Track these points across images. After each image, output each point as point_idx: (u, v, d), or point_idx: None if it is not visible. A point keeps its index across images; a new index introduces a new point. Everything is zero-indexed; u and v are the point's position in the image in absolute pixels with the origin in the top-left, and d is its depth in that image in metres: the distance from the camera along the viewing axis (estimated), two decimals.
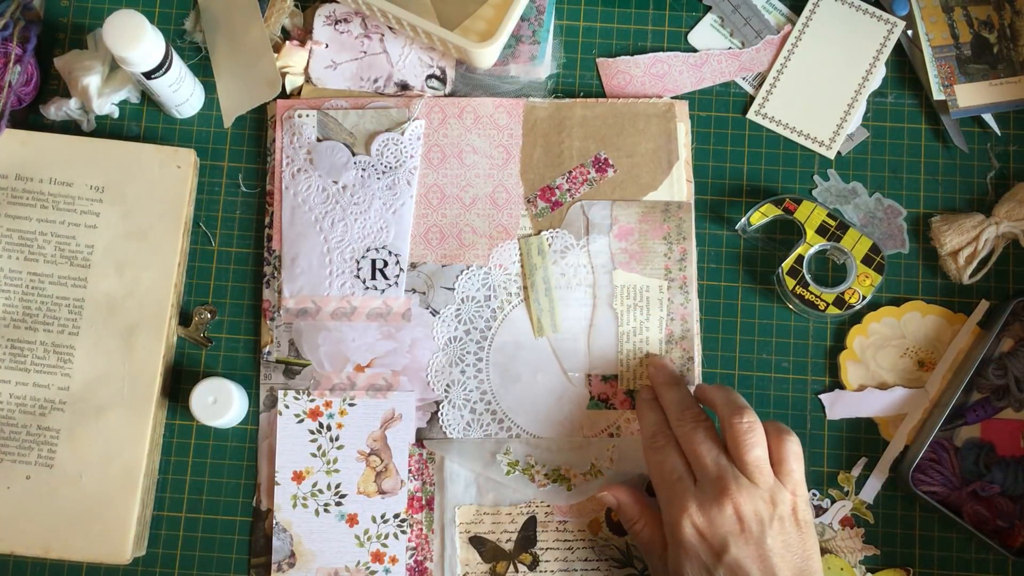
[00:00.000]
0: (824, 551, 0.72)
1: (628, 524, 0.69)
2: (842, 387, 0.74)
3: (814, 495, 0.73)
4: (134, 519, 0.70)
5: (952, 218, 0.75)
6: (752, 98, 0.78)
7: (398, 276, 0.75)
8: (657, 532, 0.66)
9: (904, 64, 0.78)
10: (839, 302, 0.73)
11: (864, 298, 0.73)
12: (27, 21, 0.76)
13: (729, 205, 0.76)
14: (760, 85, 0.78)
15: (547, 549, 0.72)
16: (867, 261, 0.73)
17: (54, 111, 0.76)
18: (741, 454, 0.63)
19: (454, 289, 0.75)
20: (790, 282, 0.73)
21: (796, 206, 0.74)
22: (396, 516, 0.72)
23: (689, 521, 0.62)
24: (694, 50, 0.78)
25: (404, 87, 0.77)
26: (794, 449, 0.65)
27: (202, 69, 0.78)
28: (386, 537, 0.72)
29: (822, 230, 0.74)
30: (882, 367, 0.74)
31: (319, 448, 0.73)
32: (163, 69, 0.70)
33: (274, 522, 0.72)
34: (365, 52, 0.77)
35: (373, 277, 0.75)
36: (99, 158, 0.74)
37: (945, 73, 0.77)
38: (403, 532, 0.72)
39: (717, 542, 0.61)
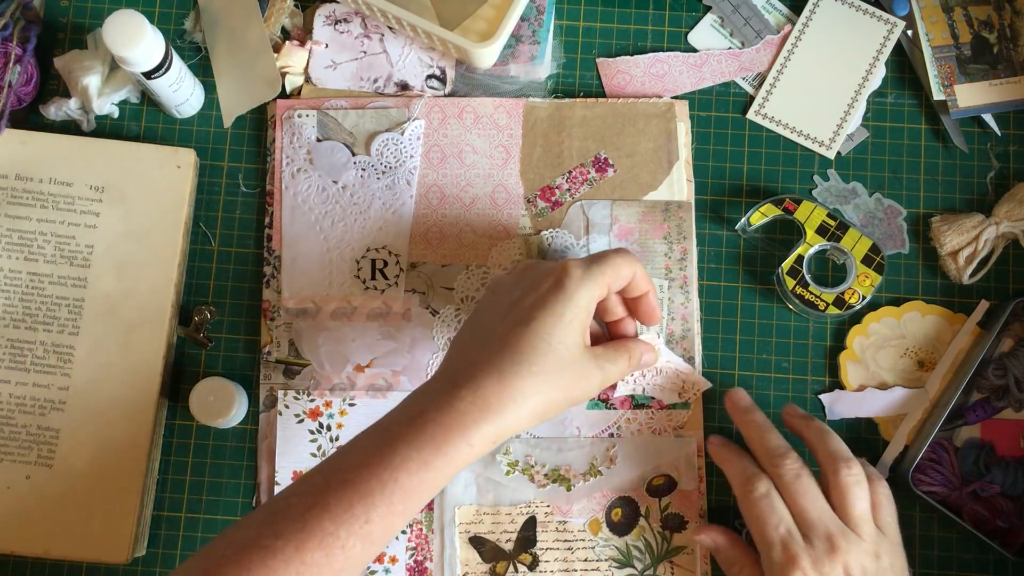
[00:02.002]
0: None
1: (726, 567, 0.68)
2: (842, 387, 0.74)
3: None
4: (134, 519, 0.70)
5: (952, 218, 0.75)
6: (752, 98, 0.78)
7: (398, 276, 0.75)
8: None
9: (904, 64, 0.78)
10: (839, 302, 0.73)
11: (864, 298, 0.73)
12: (27, 21, 0.76)
13: (729, 205, 0.77)
14: (760, 85, 0.78)
15: (547, 549, 0.72)
16: (867, 261, 0.73)
17: (54, 111, 0.76)
18: (848, 508, 0.63)
19: (454, 289, 0.75)
20: (790, 282, 0.73)
21: (796, 206, 0.74)
22: None
23: None
24: (694, 50, 0.78)
25: (404, 87, 0.77)
26: (887, 493, 0.65)
27: (202, 69, 0.78)
28: None
29: (822, 230, 0.74)
30: (882, 367, 0.74)
31: (319, 448, 0.73)
32: (163, 69, 0.71)
33: None
34: (365, 52, 0.78)
35: (373, 277, 0.75)
36: (99, 158, 0.74)
37: (945, 73, 0.77)
38: (403, 532, 0.72)
39: None
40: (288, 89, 0.77)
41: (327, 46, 0.77)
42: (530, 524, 0.72)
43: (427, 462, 0.56)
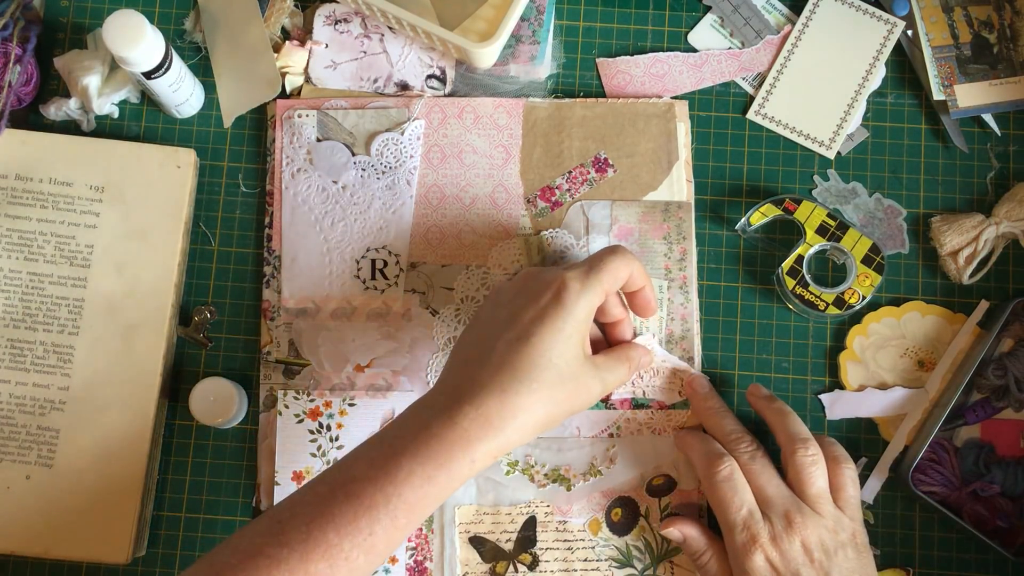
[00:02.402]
0: None
1: (694, 557, 0.69)
2: (842, 387, 0.74)
3: None
4: (134, 519, 0.70)
5: (952, 218, 0.75)
6: (752, 98, 0.78)
7: (398, 276, 0.75)
8: (724, 565, 0.67)
9: (904, 64, 0.78)
10: (839, 302, 0.73)
11: (864, 298, 0.73)
12: (27, 21, 0.76)
13: (729, 205, 0.77)
14: (760, 85, 0.78)
15: (547, 549, 0.72)
16: (867, 261, 0.73)
17: (54, 111, 0.76)
18: (805, 487, 0.65)
19: (454, 289, 0.75)
20: (790, 282, 0.73)
21: (796, 206, 0.74)
22: None
23: (762, 555, 0.63)
24: (694, 50, 0.78)
25: (404, 87, 0.77)
26: (851, 475, 0.67)
27: (202, 69, 0.78)
28: None
29: (822, 230, 0.74)
30: (882, 367, 0.74)
31: (319, 448, 0.73)
32: (163, 69, 0.71)
33: None
34: (365, 52, 0.78)
35: (373, 277, 0.75)
36: (99, 158, 0.74)
37: (945, 73, 0.77)
38: None
39: (789, 575, 0.63)
40: (288, 89, 0.77)
41: (327, 46, 0.77)
42: (530, 524, 0.72)
43: (430, 477, 0.57)
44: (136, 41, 0.67)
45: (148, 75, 0.70)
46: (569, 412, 0.62)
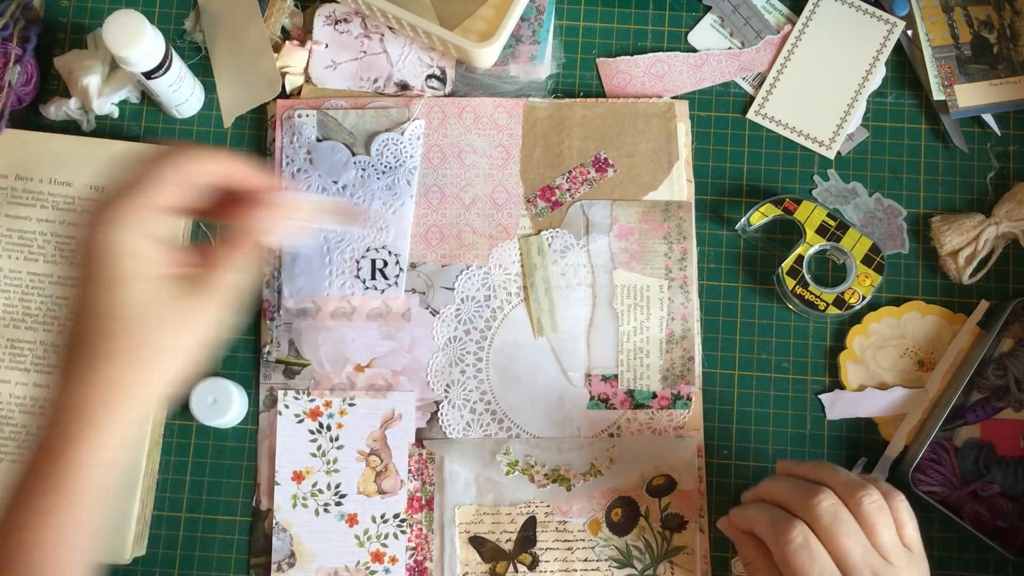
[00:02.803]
0: None
1: (745, 563, 0.64)
2: (842, 387, 0.74)
3: None
4: (134, 519, 0.70)
5: (952, 218, 0.75)
6: (752, 98, 0.78)
7: (398, 276, 0.75)
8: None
9: (904, 64, 0.78)
10: (839, 302, 0.73)
11: (864, 298, 0.73)
12: (27, 21, 0.76)
13: (729, 205, 0.77)
14: (760, 85, 0.78)
15: (547, 549, 0.72)
16: (867, 261, 0.73)
17: (54, 111, 0.76)
18: (877, 538, 0.59)
19: (454, 289, 0.75)
20: (790, 282, 0.73)
21: (796, 206, 0.74)
22: (396, 516, 0.72)
23: None
24: (694, 50, 0.78)
25: (404, 87, 0.77)
26: (906, 508, 0.61)
27: (202, 69, 0.78)
28: (386, 537, 0.72)
29: (822, 230, 0.74)
30: (882, 367, 0.74)
31: (319, 448, 0.73)
32: (163, 69, 0.71)
33: (274, 522, 0.72)
34: (365, 52, 0.77)
35: (373, 277, 0.75)
36: (99, 158, 0.74)
37: (945, 73, 0.77)
38: (403, 532, 0.72)
39: None
40: (288, 89, 0.77)
41: (327, 46, 0.77)
42: (530, 524, 0.72)
43: (51, 507, 0.47)
44: (136, 41, 0.67)
45: (148, 75, 0.70)
46: (195, 341, 0.50)
